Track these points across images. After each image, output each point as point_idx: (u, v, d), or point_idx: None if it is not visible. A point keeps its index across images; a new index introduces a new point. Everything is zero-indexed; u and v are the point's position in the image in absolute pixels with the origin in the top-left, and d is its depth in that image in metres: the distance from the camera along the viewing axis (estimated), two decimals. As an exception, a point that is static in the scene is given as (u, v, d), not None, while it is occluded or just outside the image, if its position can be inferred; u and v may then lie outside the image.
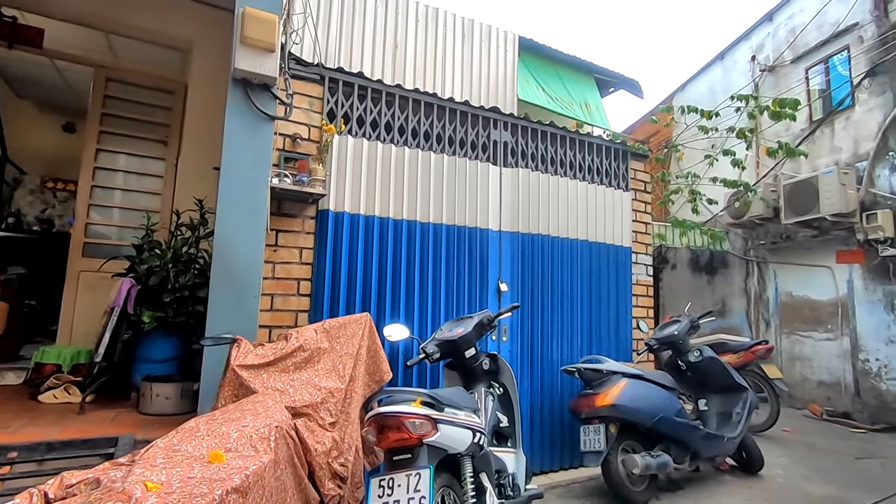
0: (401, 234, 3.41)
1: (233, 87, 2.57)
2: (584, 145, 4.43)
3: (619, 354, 4.23)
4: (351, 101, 3.42)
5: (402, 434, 1.84)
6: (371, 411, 1.90)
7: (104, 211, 4.32)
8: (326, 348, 2.36)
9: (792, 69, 7.20)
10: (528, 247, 3.94)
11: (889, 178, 5.85)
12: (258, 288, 2.56)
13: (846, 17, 6.38)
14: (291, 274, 3.08)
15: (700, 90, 8.73)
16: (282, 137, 3.13)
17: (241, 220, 2.52)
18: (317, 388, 2.22)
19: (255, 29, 2.49)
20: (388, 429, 1.87)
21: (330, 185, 3.20)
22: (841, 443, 5.03)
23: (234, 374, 2.03)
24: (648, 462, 3.23)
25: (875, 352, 5.89)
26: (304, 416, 2.12)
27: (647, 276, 4.64)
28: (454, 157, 3.74)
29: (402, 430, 1.84)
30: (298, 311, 3.09)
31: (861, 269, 6.10)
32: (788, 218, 6.46)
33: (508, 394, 2.91)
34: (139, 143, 4.42)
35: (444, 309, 3.53)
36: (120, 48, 4.68)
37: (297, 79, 3.22)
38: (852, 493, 3.57)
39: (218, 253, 2.45)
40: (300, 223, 3.15)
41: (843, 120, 6.45)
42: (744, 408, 3.85)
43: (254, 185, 2.55)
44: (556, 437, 3.85)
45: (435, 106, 3.74)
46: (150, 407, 2.73)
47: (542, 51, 6.35)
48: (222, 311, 2.42)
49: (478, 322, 2.91)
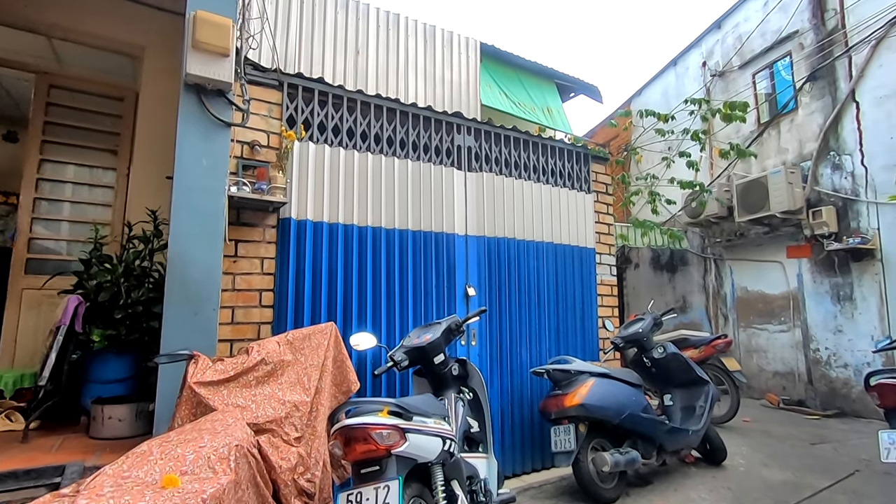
0: (366, 241, 3.37)
1: (185, 92, 2.47)
2: (546, 149, 4.50)
3: (586, 354, 4.30)
4: (311, 106, 3.36)
5: (369, 446, 1.79)
6: (337, 424, 1.84)
7: (50, 224, 4.07)
8: (290, 360, 2.29)
9: (740, 74, 7.56)
10: (495, 250, 3.96)
11: (831, 176, 6.20)
12: (216, 300, 2.46)
13: (787, 25, 6.75)
14: (253, 285, 2.99)
15: (655, 95, 9.04)
16: (240, 145, 3.04)
17: (196, 231, 2.42)
18: (281, 402, 2.14)
19: (207, 33, 2.41)
20: (354, 441, 1.82)
21: (291, 192, 3.13)
22: (796, 430, 5.26)
23: (191, 392, 1.94)
24: (618, 459, 3.28)
25: (824, 341, 6.21)
26: (268, 433, 2.05)
27: (611, 276, 4.75)
28: (418, 162, 3.72)
29: (368, 442, 1.79)
30: (261, 324, 2.99)
31: (809, 264, 6.43)
32: (742, 216, 6.75)
33: (479, 398, 2.90)
34: (87, 153, 4.20)
35: (413, 316, 3.49)
36: (65, 54, 4.44)
37: (254, 84, 3.14)
38: (808, 477, 3.73)
39: (172, 265, 2.35)
40: (261, 232, 3.06)
41: (787, 122, 6.81)
42: (706, 401, 3.97)
43: (210, 194, 2.46)
44: (527, 439, 3.86)
45: (398, 111, 3.72)
46: (102, 431, 2.58)
47: (504, 57, 6.44)
48: (178, 327, 2.32)
49: (446, 328, 2.89)
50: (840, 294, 6.05)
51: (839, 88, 6.16)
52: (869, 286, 5.73)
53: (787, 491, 3.49)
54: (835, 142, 6.18)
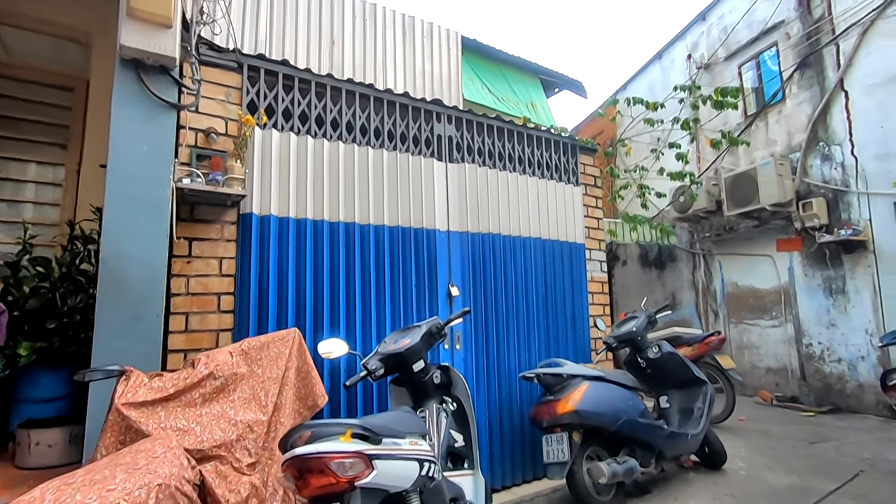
0: (338, 238, 3.07)
1: (121, 68, 2.17)
2: (532, 139, 4.25)
3: (577, 355, 4.05)
4: (275, 91, 3.06)
5: (328, 479, 1.47)
6: (287, 453, 1.53)
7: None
8: (245, 373, 1.99)
9: (726, 66, 7.42)
10: (479, 247, 3.69)
11: (821, 167, 6.07)
12: (161, 306, 2.15)
13: (773, 15, 6.63)
14: (210, 288, 2.67)
15: (641, 89, 8.89)
16: (193, 132, 2.72)
17: (136, 225, 2.11)
18: (232, 422, 1.84)
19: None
20: (309, 473, 1.49)
21: (253, 185, 2.82)
22: (794, 428, 5.09)
23: (118, 416, 1.63)
24: (615, 469, 3.04)
25: (817, 336, 6.07)
26: (216, 459, 1.75)
27: (602, 272, 4.52)
28: (395, 152, 3.44)
29: (326, 474, 1.47)
30: (220, 331, 2.67)
31: (800, 257, 6.30)
32: (731, 210, 6.60)
33: (463, 409, 2.63)
34: (31, 148, 3.83)
35: (391, 319, 3.20)
36: (9, 41, 4.06)
37: (210, 66, 2.82)
38: (814, 481, 3.53)
39: (106, 264, 2.03)
40: (218, 230, 2.74)
41: (775, 113, 6.68)
42: (704, 402, 3.76)
43: (151, 184, 2.15)
44: (518, 448, 3.60)
45: (371, 98, 3.43)
46: (29, 459, 2.24)
47: (487, 51, 6.23)
48: (114, 335, 2.00)
49: (426, 331, 2.61)
50: (832, 287, 5.92)
51: (827, 78, 6.04)
52: (862, 278, 5.60)
53: (794, 497, 3.28)
54: (824, 132, 6.06)
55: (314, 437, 1.50)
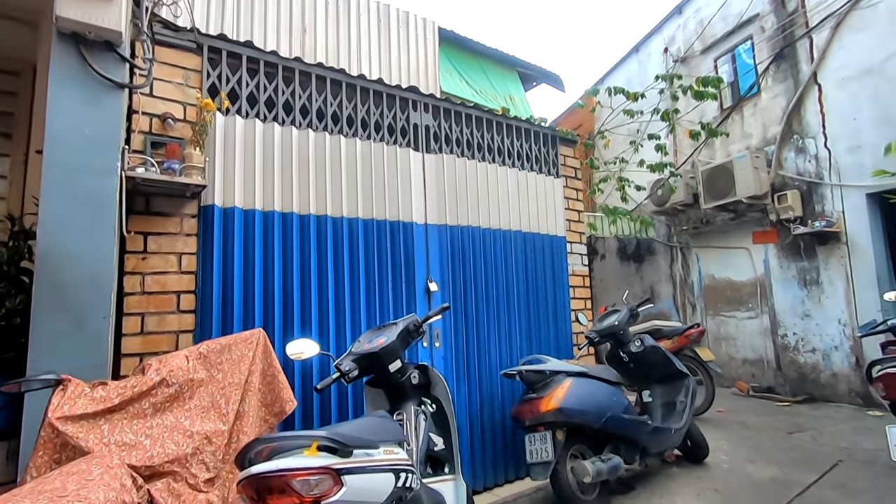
0: (308, 231, 2.89)
1: (59, 42, 1.94)
2: (512, 129, 4.13)
3: (560, 351, 3.97)
4: (239, 74, 2.86)
5: (290, 499, 1.32)
6: (244, 471, 1.37)
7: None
8: (203, 379, 1.81)
9: (702, 60, 7.45)
10: (458, 240, 3.55)
11: (795, 160, 6.13)
12: (108, 308, 1.94)
13: (748, 8, 6.65)
14: (168, 286, 2.47)
15: (618, 83, 8.74)
16: (148, 118, 2.51)
17: (78, 219, 1.90)
18: (187, 434, 1.67)
19: (83, -35, 1.89)
20: (269, 494, 1.32)
21: (215, 175, 2.63)
22: (771, 418, 5.13)
23: (51, 431, 1.44)
24: (600, 468, 2.95)
25: (792, 326, 6.15)
26: (168, 476, 1.57)
27: (583, 265, 4.44)
28: (369, 141, 3.27)
29: (289, 494, 1.31)
30: (180, 332, 2.47)
31: (776, 249, 6.36)
32: (708, 203, 6.63)
33: (443, 410, 2.49)
34: (-28, 137, 3.53)
35: (366, 316, 3.04)
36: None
37: (166, 45, 2.61)
38: (794, 472, 3.52)
39: (43, 263, 1.82)
40: (177, 223, 2.54)
41: (751, 106, 6.72)
42: (686, 395, 3.71)
43: (94, 172, 1.94)
44: (500, 448, 3.49)
45: (343, 83, 3.25)
46: (-41, 479, 2.02)
47: (465, 43, 6.11)
48: (53, 341, 1.80)
49: (403, 329, 2.47)
50: (807, 278, 5.99)
51: (801, 71, 6.09)
52: (836, 270, 5.68)
53: (777, 489, 3.26)
54: (798, 125, 6.12)
55: (275, 452, 1.33)
